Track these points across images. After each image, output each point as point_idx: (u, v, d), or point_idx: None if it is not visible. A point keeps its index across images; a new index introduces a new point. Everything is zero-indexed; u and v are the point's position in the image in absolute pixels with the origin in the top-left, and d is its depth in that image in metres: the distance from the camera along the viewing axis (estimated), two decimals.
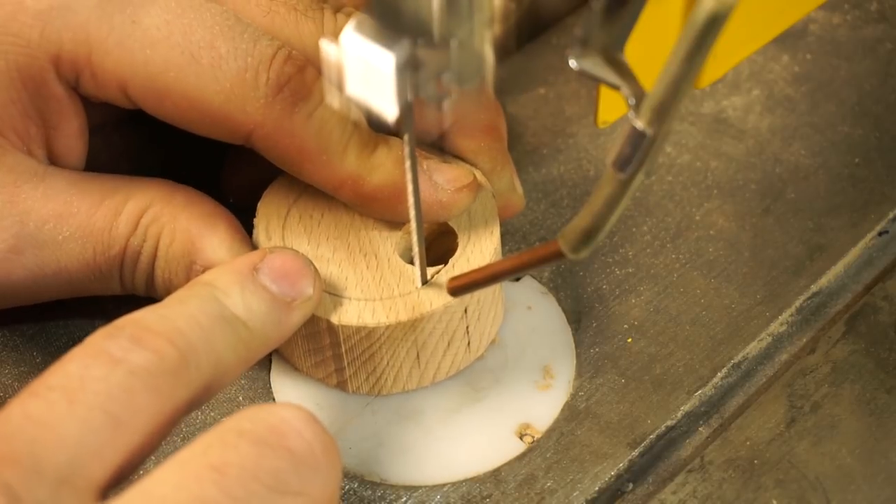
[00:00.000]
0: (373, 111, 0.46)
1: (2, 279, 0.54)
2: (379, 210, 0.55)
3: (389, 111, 0.46)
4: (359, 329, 0.53)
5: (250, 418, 0.44)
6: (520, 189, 0.58)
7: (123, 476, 0.43)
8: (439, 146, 0.57)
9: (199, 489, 0.41)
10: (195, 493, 0.41)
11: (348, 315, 0.53)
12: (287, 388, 0.57)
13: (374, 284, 0.54)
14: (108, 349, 0.44)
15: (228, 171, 0.61)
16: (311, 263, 0.52)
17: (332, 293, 0.54)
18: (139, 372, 0.44)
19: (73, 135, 0.55)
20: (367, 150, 0.54)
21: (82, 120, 0.56)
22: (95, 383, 0.43)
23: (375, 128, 0.55)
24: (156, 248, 0.54)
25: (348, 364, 0.55)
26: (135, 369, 0.43)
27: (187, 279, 0.54)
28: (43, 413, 0.42)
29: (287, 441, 0.43)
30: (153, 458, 0.46)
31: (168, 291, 0.54)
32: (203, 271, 0.53)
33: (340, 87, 0.47)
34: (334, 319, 0.53)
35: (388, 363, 0.54)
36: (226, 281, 0.49)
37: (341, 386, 0.56)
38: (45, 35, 0.53)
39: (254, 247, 0.56)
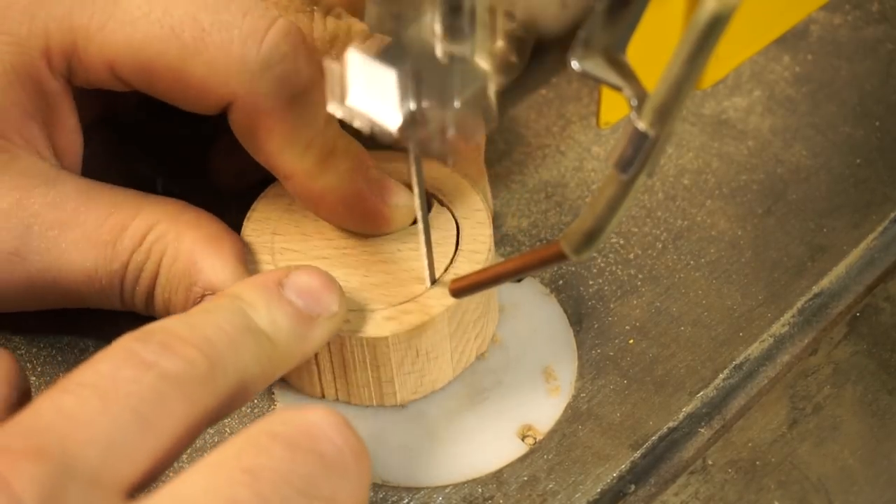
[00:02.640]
0: (376, 123, 0.46)
1: (2, 280, 0.54)
2: (324, 213, 0.55)
3: (392, 122, 0.46)
4: (333, 339, 0.53)
5: (282, 421, 0.44)
6: (491, 202, 0.59)
7: (149, 480, 0.43)
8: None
9: (231, 492, 0.41)
10: (226, 496, 0.41)
11: (355, 325, 0.53)
12: (289, 395, 0.57)
13: (376, 291, 0.54)
14: (140, 353, 0.44)
15: (215, 155, 0.61)
16: (336, 281, 0.52)
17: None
18: (170, 377, 0.44)
19: (70, 130, 0.55)
20: (328, 150, 0.54)
21: (76, 115, 0.56)
22: (128, 384, 0.43)
23: (378, 140, 0.55)
24: (158, 266, 0.54)
25: (322, 372, 0.54)
26: (166, 374, 0.44)
27: (186, 300, 0.54)
28: (75, 409, 0.42)
29: (319, 445, 0.43)
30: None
31: (167, 311, 0.54)
32: (202, 294, 0.53)
33: (343, 97, 0.47)
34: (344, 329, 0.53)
35: (360, 375, 0.54)
36: (252, 294, 0.49)
37: (344, 399, 0.56)
38: (33, 30, 0.53)
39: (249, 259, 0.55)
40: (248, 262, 0.55)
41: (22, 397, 0.47)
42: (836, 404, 0.57)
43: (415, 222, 0.55)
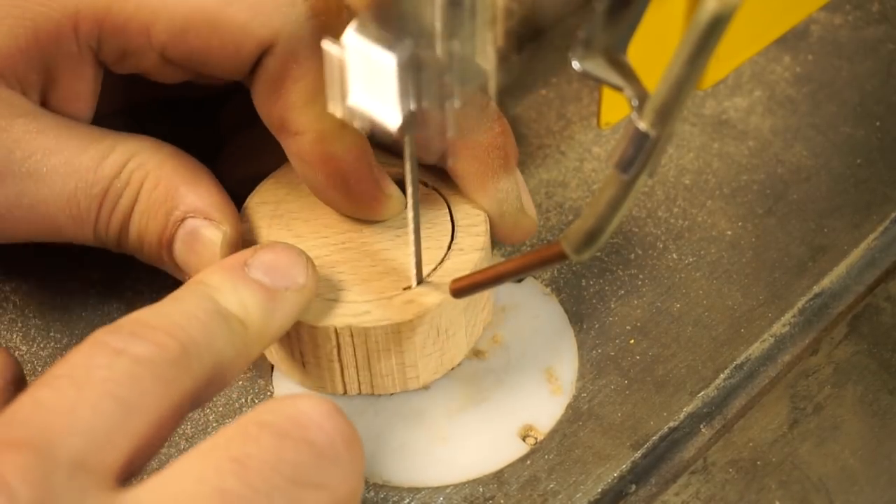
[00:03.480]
0: (376, 121, 0.46)
1: None
2: (322, 180, 0.55)
3: (393, 119, 0.46)
4: (358, 330, 0.53)
5: (271, 410, 0.44)
6: (532, 212, 0.58)
7: (136, 465, 0.43)
8: (441, 167, 0.57)
9: (220, 480, 0.42)
10: (215, 485, 0.42)
11: (345, 318, 0.53)
12: (287, 391, 0.57)
13: (367, 284, 0.54)
14: (110, 342, 0.44)
15: (222, 165, 0.61)
16: (304, 253, 0.52)
17: (326, 298, 0.54)
18: (143, 360, 0.44)
19: (72, 97, 0.56)
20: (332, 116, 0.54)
21: (89, 86, 0.56)
22: (100, 371, 0.43)
23: (380, 141, 0.55)
24: (138, 192, 0.54)
25: (346, 367, 0.55)
26: (138, 358, 0.44)
27: (164, 227, 0.54)
28: (53, 400, 0.42)
29: (308, 433, 0.43)
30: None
31: (140, 241, 0.55)
32: (183, 217, 0.53)
33: (343, 92, 0.47)
34: (330, 323, 0.53)
35: (384, 364, 0.54)
36: (217, 278, 0.49)
37: (340, 389, 0.56)
38: None
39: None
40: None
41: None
42: (837, 404, 0.57)
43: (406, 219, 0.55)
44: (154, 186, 0.54)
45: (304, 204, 0.57)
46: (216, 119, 0.63)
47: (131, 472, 0.43)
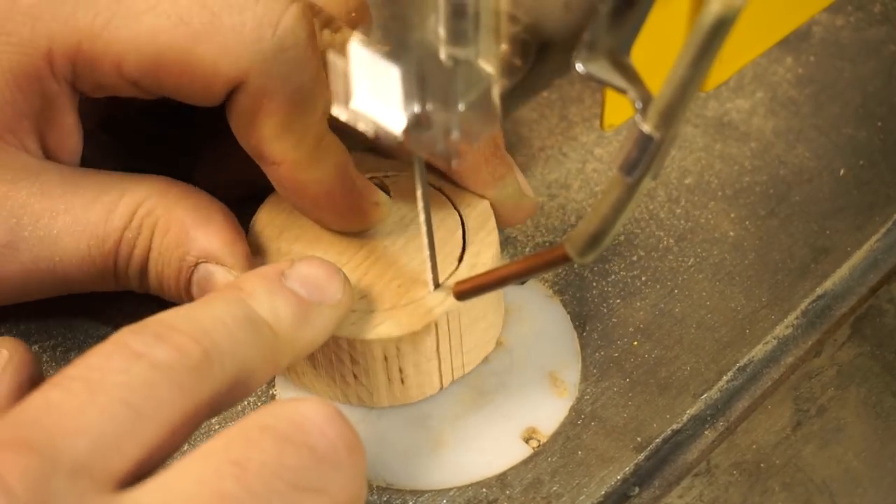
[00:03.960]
0: (380, 126, 0.46)
1: None
2: (306, 204, 0.55)
3: (397, 124, 0.46)
4: (378, 342, 0.53)
5: (273, 414, 0.44)
6: (530, 192, 0.58)
7: (146, 470, 0.43)
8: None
9: (220, 484, 0.42)
10: (215, 488, 0.41)
11: (363, 329, 0.53)
12: (290, 394, 0.57)
13: (381, 293, 0.54)
14: (131, 344, 0.44)
15: (201, 168, 0.61)
16: (340, 270, 0.52)
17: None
18: (161, 366, 0.43)
19: (67, 132, 0.55)
20: (319, 142, 0.53)
21: (76, 117, 0.56)
22: (116, 375, 0.43)
23: (383, 146, 0.55)
24: (150, 240, 0.54)
25: (360, 377, 0.55)
26: (156, 363, 0.43)
27: (179, 271, 0.54)
28: (63, 402, 0.42)
29: (310, 438, 0.43)
30: None
31: (160, 285, 0.55)
32: (195, 262, 0.53)
33: (347, 100, 0.47)
34: (347, 334, 0.53)
35: (399, 373, 0.54)
36: (253, 284, 0.49)
37: (350, 399, 0.56)
38: (36, 31, 0.52)
39: (251, 243, 0.55)
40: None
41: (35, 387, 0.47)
42: (840, 406, 0.57)
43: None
44: (165, 232, 0.54)
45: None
46: (196, 120, 0.63)
47: (139, 476, 0.43)
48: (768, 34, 0.53)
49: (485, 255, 0.55)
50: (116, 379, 0.43)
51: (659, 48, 0.47)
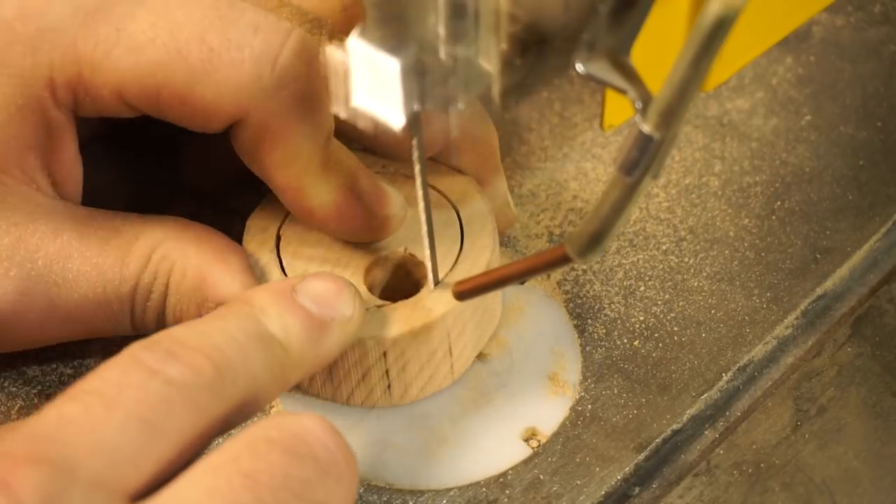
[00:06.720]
0: (379, 122, 0.46)
1: (14, 321, 0.53)
2: (317, 225, 0.55)
3: (396, 120, 0.46)
4: (377, 340, 0.53)
5: (276, 427, 0.44)
6: (512, 204, 0.59)
7: (157, 484, 0.43)
8: (432, 159, 0.57)
9: (232, 495, 0.42)
10: (228, 499, 0.42)
11: (362, 328, 0.53)
12: (287, 396, 0.57)
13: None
14: (146, 360, 0.44)
15: (190, 155, 0.60)
16: (352, 286, 0.51)
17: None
18: (176, 384, 0.44)
19: (71, 160, 0.55)
20: (324, 165, 0.53)
21: (76, 147, 0.55)
22: (132, 391, 0.43)
23: (382, 142, 0.55)
24: (167, 285, 0.53)
25: (361, 377, 0.55)
26: (171, 381, 0.44)
27: (198, 316, 0.53)
28: (79, 416, 0.42)
29: (314, 451, 0.44)
30: None
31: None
32: (215, 307, 0.52)
33: (347, 97, 0.47)
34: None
35: (400, 371, 0.54)
36: (264, 300, 0.49)
37: (350, 400, 0.56)
38: (37, 61, 0.52)
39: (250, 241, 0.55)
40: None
41: None
42: (840, 406, 0.57)
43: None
44: (182, 278, 0.53)
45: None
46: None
47: (150, 491, 0.43)
48: (768, 34, 0.53)
49: (483, 255, 0.55)
50: (133, 395, 0.43)
51: (659, 48, 0.47)
